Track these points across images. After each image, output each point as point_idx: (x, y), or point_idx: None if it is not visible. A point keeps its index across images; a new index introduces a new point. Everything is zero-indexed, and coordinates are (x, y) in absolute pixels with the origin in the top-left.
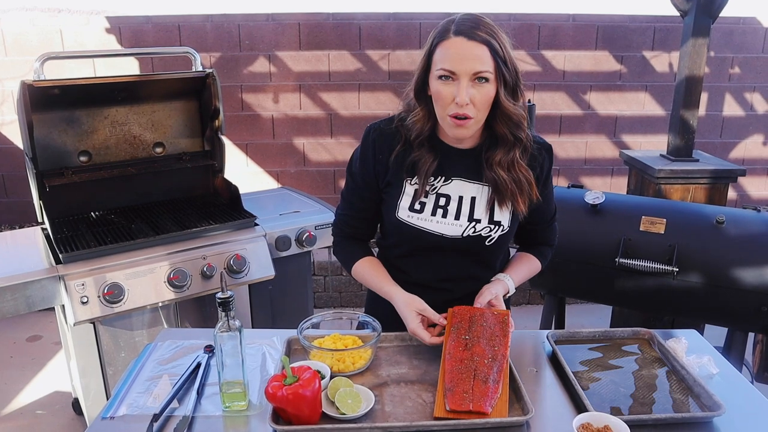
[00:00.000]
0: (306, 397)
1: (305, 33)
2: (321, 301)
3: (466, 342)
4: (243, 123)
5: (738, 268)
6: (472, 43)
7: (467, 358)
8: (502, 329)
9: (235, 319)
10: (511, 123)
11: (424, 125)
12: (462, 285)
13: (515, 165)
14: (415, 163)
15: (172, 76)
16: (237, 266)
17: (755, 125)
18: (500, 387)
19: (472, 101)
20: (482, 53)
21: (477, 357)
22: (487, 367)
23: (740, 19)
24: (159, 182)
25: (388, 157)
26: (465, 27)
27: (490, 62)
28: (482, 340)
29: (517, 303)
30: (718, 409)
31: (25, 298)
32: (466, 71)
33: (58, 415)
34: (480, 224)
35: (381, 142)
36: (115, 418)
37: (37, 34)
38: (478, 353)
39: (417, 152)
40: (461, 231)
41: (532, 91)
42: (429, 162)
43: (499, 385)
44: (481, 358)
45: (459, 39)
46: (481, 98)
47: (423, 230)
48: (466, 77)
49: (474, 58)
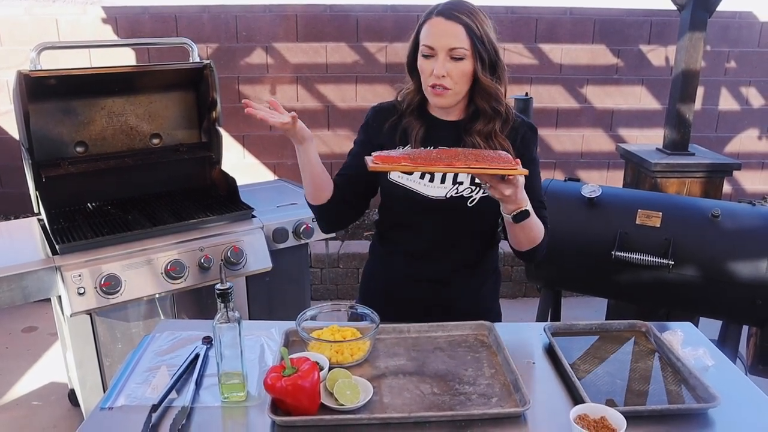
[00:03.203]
0: (305, 388)
1: (303, 25)
2: (318, 293)
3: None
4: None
5: (733, 261)
6: (449, 23)
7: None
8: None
9: (234, 311)
10: (489, 97)
11: (414, 97)
12: (450, 253)
13: (493, 135)
14: (406, 130)
15: (169, 67)
16: (234, 258)
17: (750, 119)
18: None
19: (449, 74)
20: (458, 31)
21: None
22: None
23: (737, 14)
24: (156, 173)
25: (382, 126)
26: (445, 8)
27: (465, 40)
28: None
29: (513, 296)
30: (713, 400)
31: (21, 288)
32: (442, 46)
33: (54, 405)
34: (462, 186)
35: (380, 114)
36: (114, 408)
37: (32, 23)
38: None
39: (407, 119)
40: (445, 192)
41: (529, 84)
42: (417, 128)
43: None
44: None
45: (438, 19)
46: (457, 72)
47: (411, 190)
48: (443, 52)
49: (449, 35)
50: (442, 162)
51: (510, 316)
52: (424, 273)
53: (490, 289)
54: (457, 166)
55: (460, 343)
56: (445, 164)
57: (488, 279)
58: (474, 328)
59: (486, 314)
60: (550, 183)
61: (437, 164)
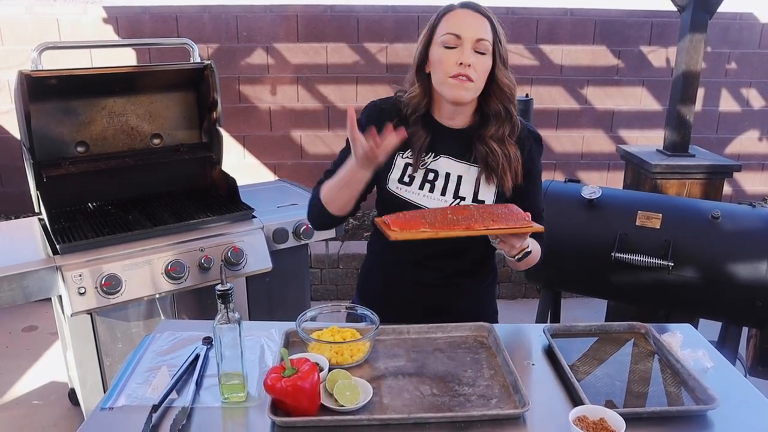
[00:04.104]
0: (304, 389)
1: (303, 25)
2: (318, 293)
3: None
4: (240, 115)
5: (733, 263)
6: (477, 14)
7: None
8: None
9: (234, 311)
10: (504, 96)
11: (420, 102)
12: (448, 262)
13: (505, 140)
14: (409, 138)
15: (170, 68)
16: (234, 258)
17: (751, 121)
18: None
19: (473, 67)
20: (485, 25)
21: (458, 215)
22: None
23: (737, 15)
24: (156, 174)
25: (382, 127)
26: (469, 2)
27: (490, 35)
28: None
29: (512, 297)
30: (712, 402)
31: (22, 288)
32: (470, 36)
33: (54, 405)
34: (464, 202)
35: (377, 115)
36: (114, 408)
37: (33, 23)
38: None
39: (413, 128)
40: (445, 206)
41: (530, 85)
42: (423, 138)
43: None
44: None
45: (465, 10)
46: (481, 66)
47: (409, 202)
48: (470, 42)
49: (478, 26)
50: (460, 225)
51: (509, 317)
52: (421, 279)
53: (486, 289)
54: (476, 228)
55: (459, 345)
56: (465, 227)
57: (485, 280)
58: (473, 330)
59: (483, 314)
60: (550, 184)
61: (456, 228)
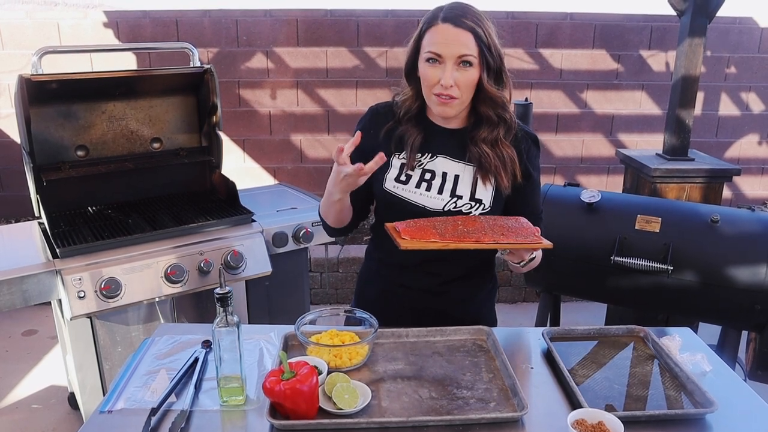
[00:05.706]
0: (303, 392)
1: (303, 29)
2: (317, 297)
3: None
4: (240, 119)
5: (732, 266)
6: (458, 30)
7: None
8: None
9: (233, 315)
10: (494, 104)
11: (412, 104)
12: (445, 266)
13: (499, 143)
14: (402, 137)
15: (169, 72)
16: (234, 262)
17: (750, 125)
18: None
19: (456, 83)
20: (467, 39)
21: (468, 227)
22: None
23: (736, 19)
24: (156, 178)
25: (379, 132)
26: (452, 14)
27: (474, 48)
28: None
29: (512, 300)
30: (711, 406)
31: (22, 292)
32: (451, 54)
33: (53, 409)
34: (461, 200)
35: (376, 118)
36: (113, 411)
37: (33, 27)
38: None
39: (404, 127)
40: (442, 205)
41: (530, 89)
42: (414, 135)
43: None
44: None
45: (446, 25)
46: (465, 81)
47: (406, 201)
48: (452, 60)
49: (459, 44)
50: (470, 237)
51: (509, 320)
52: (418, 284)
53: (485, 298)
54: (485, 241)
55: (458, 348)
56: (474, 240)
57: (484, 287)
58: (472, 333)
59: (480, 322)
60: (549, 188)
61: (466, 240)
